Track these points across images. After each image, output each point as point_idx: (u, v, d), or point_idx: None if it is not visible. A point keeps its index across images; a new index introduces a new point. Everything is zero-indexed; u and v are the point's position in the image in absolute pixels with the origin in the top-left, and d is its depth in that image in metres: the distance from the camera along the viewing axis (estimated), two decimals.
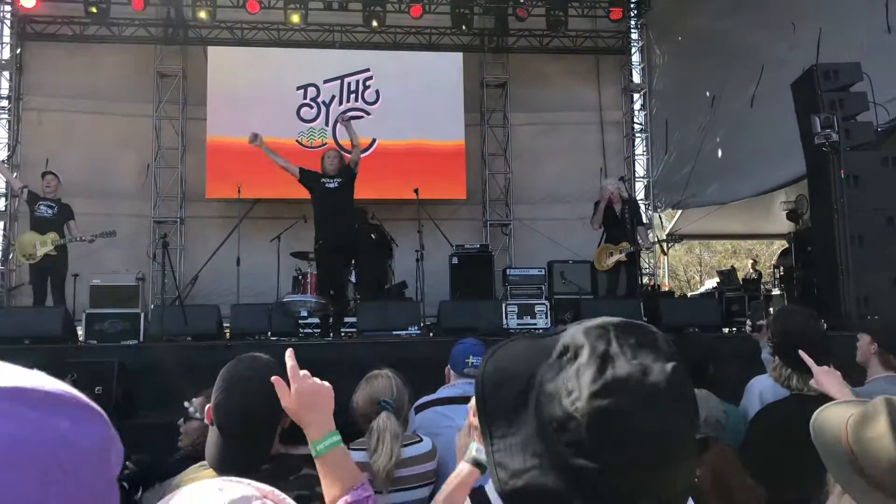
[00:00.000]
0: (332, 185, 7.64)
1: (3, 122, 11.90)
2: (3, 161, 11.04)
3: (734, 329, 8.57)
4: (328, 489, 1.65)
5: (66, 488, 0.57)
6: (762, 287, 11.86)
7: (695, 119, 11.56)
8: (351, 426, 3.10)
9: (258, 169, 11.24)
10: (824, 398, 2.49)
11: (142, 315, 7.44)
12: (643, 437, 0.80)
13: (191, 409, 2.95)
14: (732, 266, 14.13)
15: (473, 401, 1.38)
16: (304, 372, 1.68)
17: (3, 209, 11.63)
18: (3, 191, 11.68)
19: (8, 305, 10.93)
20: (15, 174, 11.55)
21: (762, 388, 3.20)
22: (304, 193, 7.98)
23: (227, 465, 1.87)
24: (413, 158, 11.95)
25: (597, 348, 0.85)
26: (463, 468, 1.67)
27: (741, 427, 3.08)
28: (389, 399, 2.83)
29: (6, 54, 11.98)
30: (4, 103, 11.94)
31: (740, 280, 12.13)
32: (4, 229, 11.55)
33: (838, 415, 1.61)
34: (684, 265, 28.99)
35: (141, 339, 7.09)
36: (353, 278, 9.80)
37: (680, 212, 13.04)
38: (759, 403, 3.16)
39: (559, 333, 0.93)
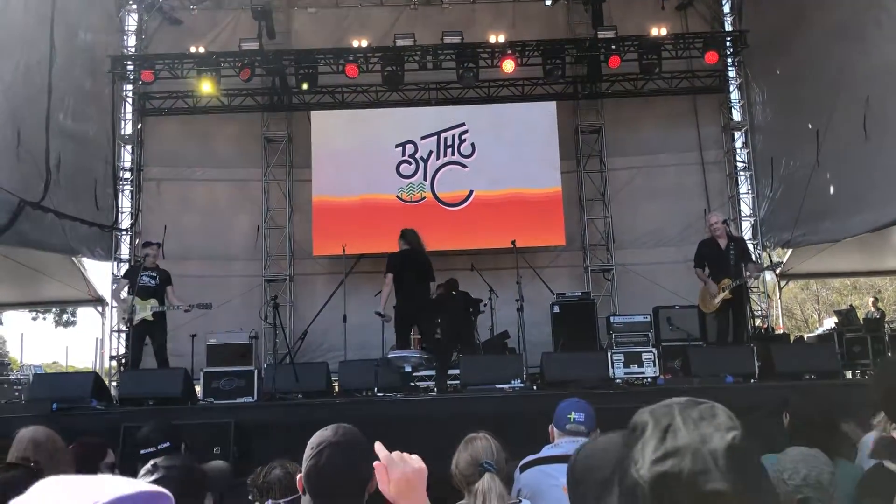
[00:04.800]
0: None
1: (126, 193, 12.78)
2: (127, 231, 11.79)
3: (856, 373, 8.13)
4: None
5: None
6: (886, 326, 11.19)
7: (801, 154, 11.12)
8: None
9: (361, 226, 11.67)
10: None
11: (255, 372, 7.73)
12: (701, 497, 0.88)
13: None
14: (851, 305, 13.38)
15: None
16: (395, 454, 1.68)
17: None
18: (127, 257, 12.46)
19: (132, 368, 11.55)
20: (137, 240, 12.33)
21: None
22: None
23: None
24: (510, 207, 12.05)
25: (660, 423, 0.96)
26: None
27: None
28: (491, 460, 2.86)
29: (129, 129, 12.93)
30: (128, 175, 12.83)
31: (861, 320, 11.50)
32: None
33: None
34: (800, 302, 27.64)
35: (255, 396, 7.36)
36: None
37: (790, 251, 12.52)
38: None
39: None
